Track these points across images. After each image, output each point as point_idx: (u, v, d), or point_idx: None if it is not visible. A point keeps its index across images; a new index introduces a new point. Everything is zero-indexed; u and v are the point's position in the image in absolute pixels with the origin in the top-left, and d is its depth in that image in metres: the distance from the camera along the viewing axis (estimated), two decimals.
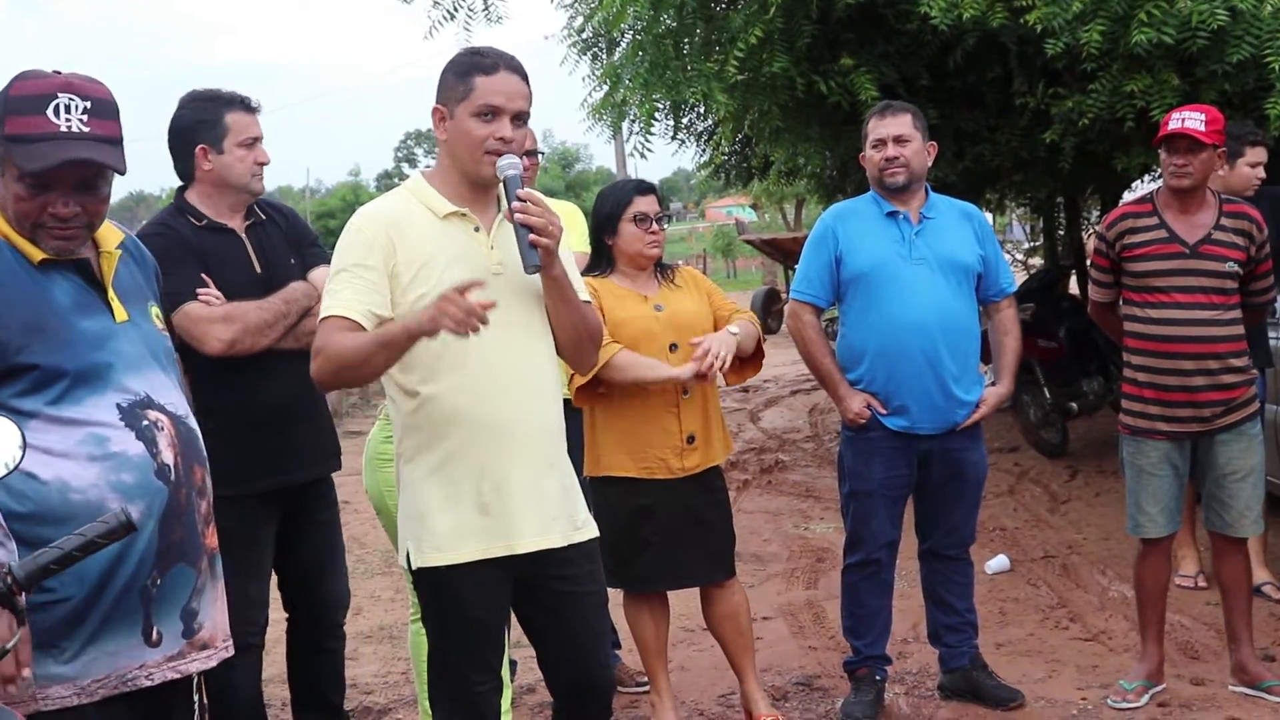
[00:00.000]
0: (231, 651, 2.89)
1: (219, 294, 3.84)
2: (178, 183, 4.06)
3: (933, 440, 4.60)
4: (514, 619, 3.37)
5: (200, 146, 3.96)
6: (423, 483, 3.12)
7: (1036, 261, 16.72)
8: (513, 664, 4.75)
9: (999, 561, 6.68)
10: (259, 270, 3.98)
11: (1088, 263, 7.22)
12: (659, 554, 4.40)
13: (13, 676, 2.34)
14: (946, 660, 4.88)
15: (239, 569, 3.93)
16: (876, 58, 7.05)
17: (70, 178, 2.60)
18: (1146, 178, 10.12)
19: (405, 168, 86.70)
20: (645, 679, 4.78)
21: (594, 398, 4.33)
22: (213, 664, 2.79)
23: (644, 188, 4.46)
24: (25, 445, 2.24)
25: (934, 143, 4.72)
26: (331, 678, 4.33)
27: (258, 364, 3.85)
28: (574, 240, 4.62)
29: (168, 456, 2.67)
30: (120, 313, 2.71)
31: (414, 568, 3.16)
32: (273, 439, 3.93)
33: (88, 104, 2.59)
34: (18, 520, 2.45)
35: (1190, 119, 4.49)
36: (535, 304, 3.15)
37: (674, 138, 10.07)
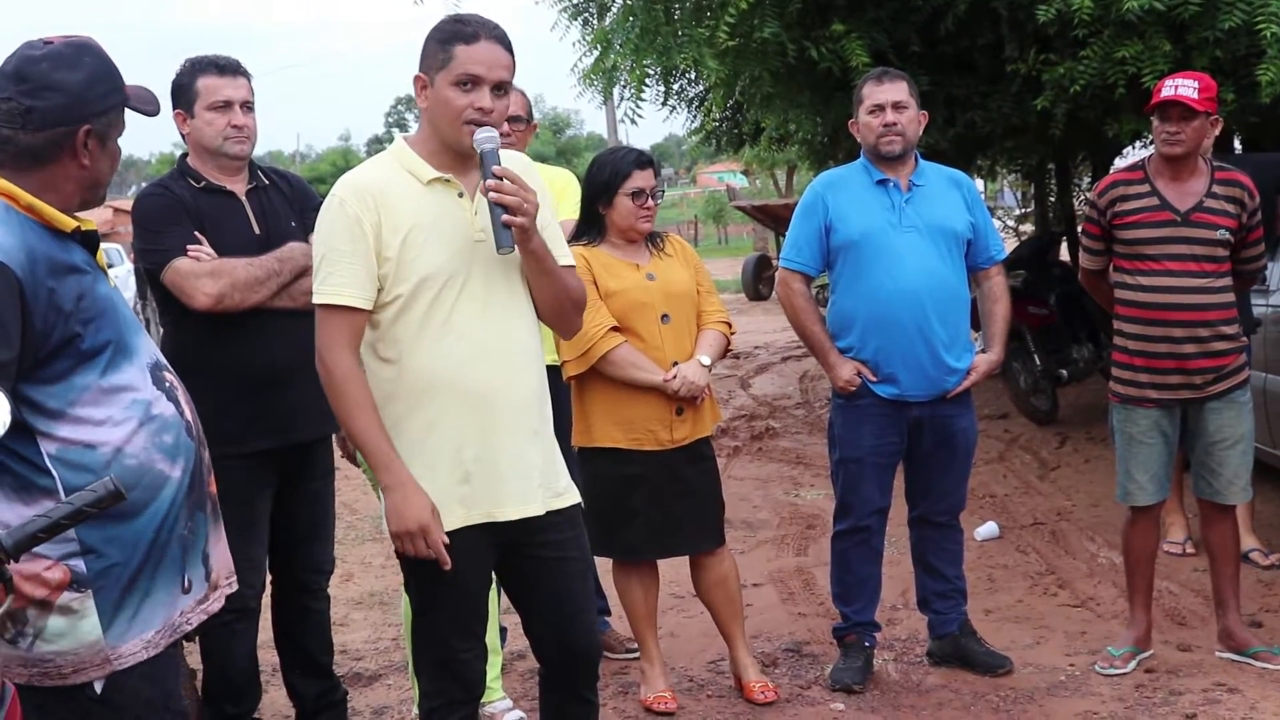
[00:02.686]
0: (235, 586, 2.94)
1: (210, 251, 3.84)
2: (166, 148, 4.08)
3: (923, 407, 4.60)
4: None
5: (176, 112, 4.01)
6: (404, 451, 3.10)
7: (1028, 228, 16.75)
8: (502, 631, 4.77)
9: (988, 528, 6.71)
10: (258, 232, 3.99)
11: (1079, 229, 7.22)
12: (648, 523, 4.41)
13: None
14: (935, 627, 4.90)
15: (239, 532, 3.94)
16: (868, 24, 7.01)
17: None
18: (1138, 144, 10.12)
19: (396, 133, 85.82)
20: (635, 646, 4.80)
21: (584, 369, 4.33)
22: (222, 602, 2.87)
23: (643, 160, 4.42)
24: (10, 416, 2.24)
25: (925, 111, 4.71)
26: (318, 639, 4.34)
27: (255, 323, 3.86)
28: (566, 208, 4.61)
29: (188, 414, 2.76)
30: (111, 279, 2.75)
31: None
32: (271, 399, 3.93)
33: None
34: (75, 493, 2.44)
35: (1184, 86, 4.47)
36: (518, 272, 3.13)
37: (665, 103, 10.03)
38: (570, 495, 3.25)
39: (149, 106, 2.77)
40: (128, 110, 2.73)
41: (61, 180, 2.63)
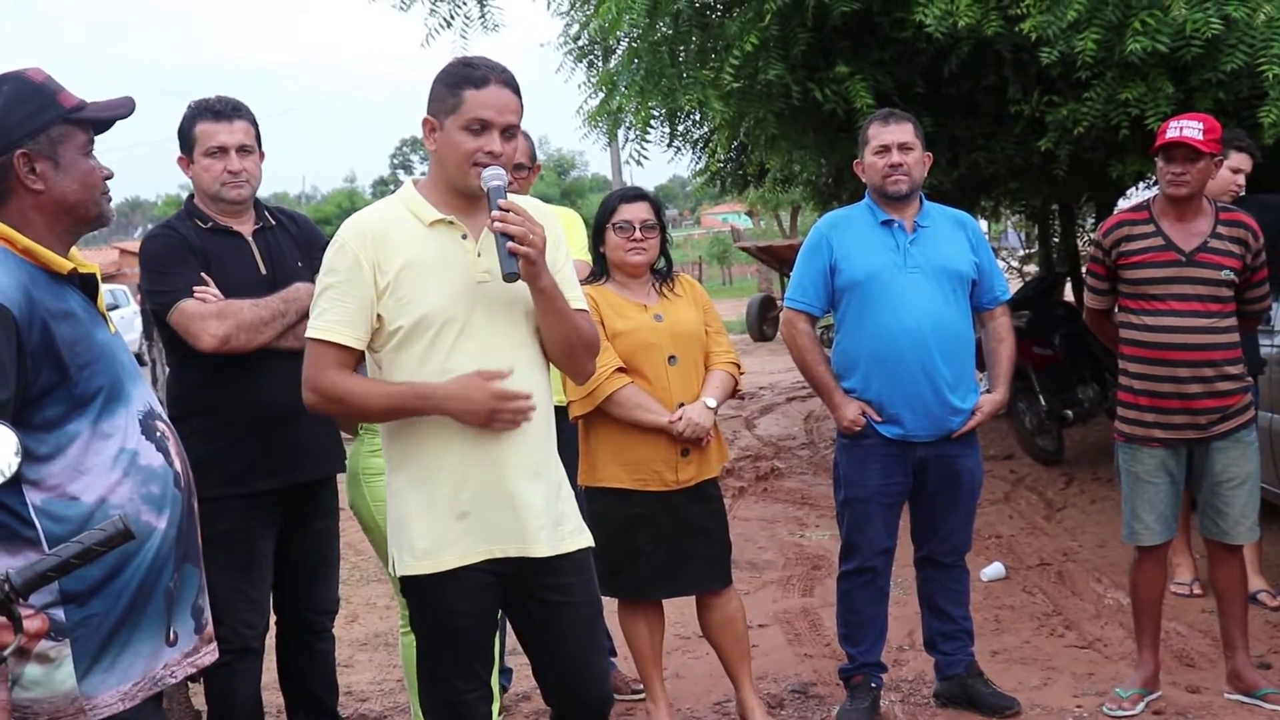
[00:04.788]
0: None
1: (217, 292, 3.86)
2: (173, 189, 4.12)
3: (928, 447, 4.60)
4: (510, 628, 3.36)
5: (180, 157, 4.07)
6: (405, 490, 3.13)
7: (1032, 269, 16.75)
8: (508, 671, 4.75)
9: (994, 569, 6.68)
10: (264, 273, 4.01)
11: (1083, 269, 7.21)
12: (654, 563, 4.40)
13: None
14: (942, 668, 4.87)
15: (240, 572, 3.94)
16: (872, 65, 7.05)
17: None
18: (1141, 185, 10.14)
19: (401, 174, 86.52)
20: (641, 686, 4.77)
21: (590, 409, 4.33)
22: (217, 655, 2.86)
23: (629, 195, 4.49)
24: (20, 453, 2.24)
25: (930, 153, 4.73)
26: (323, 680, 4.33)
27: (261, 364, 3.88)
28: (574, 248, 4.63)
29: (178, 465, 2.75)
30: (111, 325, 2.75)
31: (398, 575, 3.18)
32: (276, 439, 3.94)
33: None
34: (57, 543, 2.44)
35: (1189, 128, 4.49)
36: (521, 313, 3.14)
37: (669, 145, 10.10)
38: (579, 538, 3.23)
39: (113, 112, 2.75)
40: (114, 125, 2.72)
41: (28, 211, 2.62)
